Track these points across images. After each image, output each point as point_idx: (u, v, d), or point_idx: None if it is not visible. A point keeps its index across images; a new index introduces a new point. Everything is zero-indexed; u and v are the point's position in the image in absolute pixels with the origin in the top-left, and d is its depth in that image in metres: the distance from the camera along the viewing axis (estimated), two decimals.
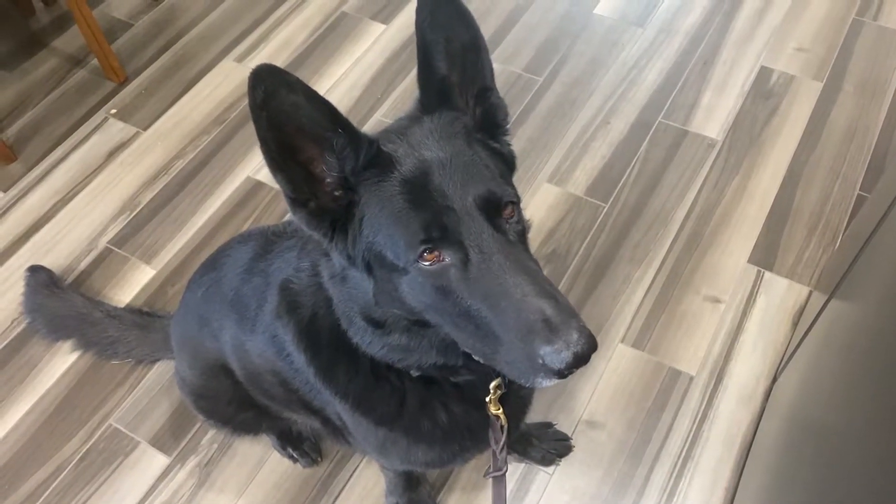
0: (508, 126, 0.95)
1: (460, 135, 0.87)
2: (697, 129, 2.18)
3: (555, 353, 0.74)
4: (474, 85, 0.90)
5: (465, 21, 0.86)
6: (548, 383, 0.78)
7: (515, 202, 0.85)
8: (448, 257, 0.80)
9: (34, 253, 1.97)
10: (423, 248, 0.80)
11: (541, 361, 0.75)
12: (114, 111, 2.28)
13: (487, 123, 0.91)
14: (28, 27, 2.52)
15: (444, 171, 0.82)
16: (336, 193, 0.84)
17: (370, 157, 0.82)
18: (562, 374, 0.76)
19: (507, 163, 0.92)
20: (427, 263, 0.80)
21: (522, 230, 0.86)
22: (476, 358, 0.88)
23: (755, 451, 1.58)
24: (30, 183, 2.12)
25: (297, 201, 0.83)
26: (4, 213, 2.06)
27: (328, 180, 0.83)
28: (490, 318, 0.79)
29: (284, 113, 0.75)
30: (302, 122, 0.77)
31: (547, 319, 0.75)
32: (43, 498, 1.59)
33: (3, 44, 2.47)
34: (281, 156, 0.78)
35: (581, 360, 0.74)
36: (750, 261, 1.89)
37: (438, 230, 0.79)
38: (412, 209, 0.80)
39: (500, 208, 0.83)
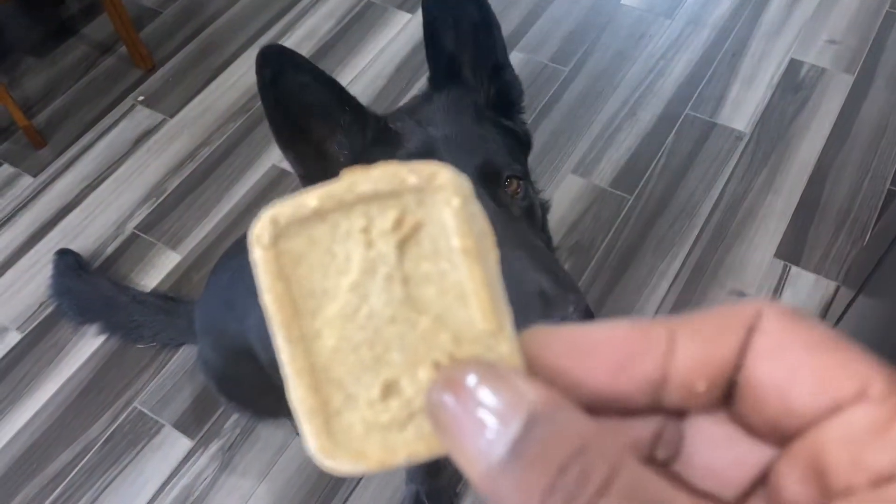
0: (523, 104, 0.94)
1: (469, 111, 0.86)
2: (725, 121, 2.15)
3: None
4: (487, 63, 0.89)
5: None
6: None
7: (520, 177, 0.84)
8: None
9: (63, 237, 2.00)
10: None
11: None
12: (141, 98, 2.30)
13: (502, 102, 0.91)
14: (58, 15, 2.55)
15: (449, 146, 0.82)
16: None
17: (377, 133, 0.82)
18: None
19: (521, 141, 0.91)
20: None
21: (530, 206, 0.85)
22: None
23: None
24: (59, 168, 2.15)
25: (307, 179, 0.84)
26: (34, 197, 2.09)
27: (340, 160, 0.83)
28: None
29: (292, 92, 0.76)
30: (310, 101, 0.78)
31: (543, 293, 0.75)
32: (69, 478, 1.62)
33: (34, 31, 2.50)
34: (290, 134, 0.79)
35: None
36: (776, 255, 1.87)
37: None
38: None
39: (499, 181, 0.82)
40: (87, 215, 2.04)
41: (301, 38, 2.44)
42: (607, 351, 0.25)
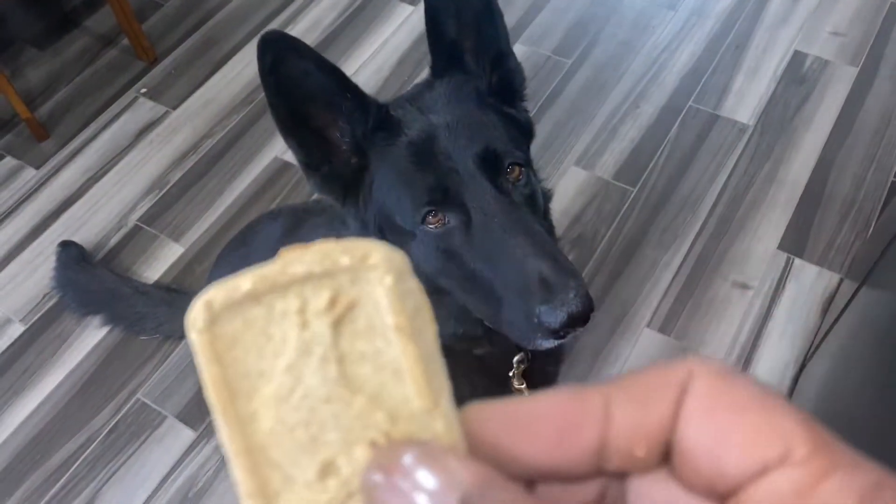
0: (526, 92, 0.94)
1: (471, 98, 0.86)
2: (728, 113, 2.15)
3: (550, 312, 0.74)
4: (490, 50, 0.89)
5: None
6: (547, 344, 0.79)
7: (522, 164, 0.84)
8: (452, 220, 0.80)
9: (65, 229, 2.00)
10: (426, 210, 0.80)
11: (537, 321, 0.75)
12: (144, 90, 2.30)
13: (504, 89, 0.91)
14: (60, 7, 2.54)
15: (450, 133, 0.82)
16: (352, 161, 0.84)
17: (379, 121, 0.82)
18: (558, 333, 0.76)
19: (523, 129, 0.91)
20: (432, 226, 0.81)
21: (531, 193, 0.85)
22: (487, 323, 0.88)
23: None
24: (61, 160, 2.15)
25: (309, 166, 0.84)
26: (37, 189, 2.09)
27: (343, 147, 0.83)
28: (492, 279, 0.79)
29: (293, 79, 0.76)
30: (311, 88, 0.78)
31: (544, 279, 0.75)
32: (73, 468, 1.62)
33: (37, 23, 2.50)
34: (292, 121, 0.79)
35: (576, 319, 0.74)
36: (780, 247, 1.87)
37: (441, 192, 0.79)
38: (417, 172, 0.81)
39: (501, 167, 0.82)
40: (89, 207, 2.04)
41: (303, 30, 2.43)
42: (545, 424, 0.26)
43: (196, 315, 0.26)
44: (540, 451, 0.25)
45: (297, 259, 0.26)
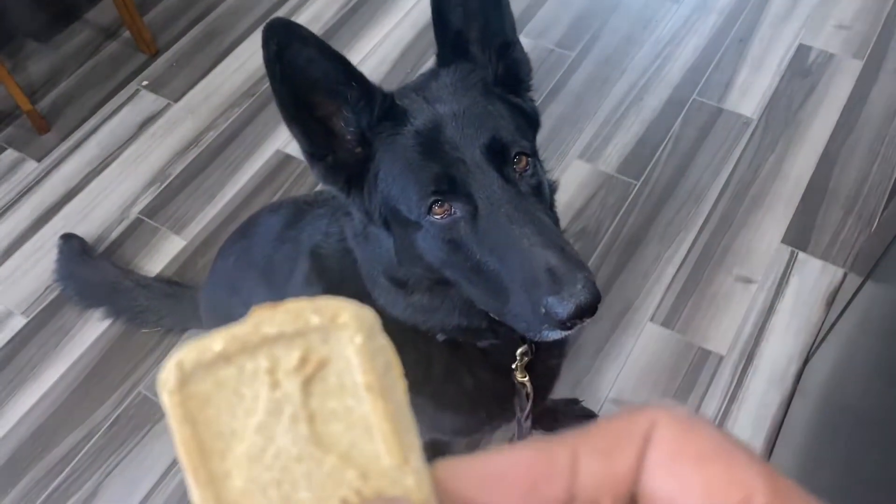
0: (532, 82, 0.93)
1: (477, 87, 0.86)
2: (732, 107, 2.14)
3: (558, 303, 0.74)
4: (496, 40, 0.89)
5: None
6: (553, 335, 0.78)
7: (528, 154, 0.83)
8: (458, 210, 0.80)
9: (67, 222, 1.99)
10: (432, 199, 0.79)
11: (544, 312, 0.75)
12: (145, 83, 2.29)
13: (510, 79, 0.90)
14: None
15: (457, 122, 0.81)
16: (356, 150, 0.84)
17: (384, 110, 0.82)
18: (565, 324, 0.75)
19: (529, 119, 0.91)
20: (438, 217, 0.80)
21: (538, 184, 0.85)
22: (492, 315, 0.88)
23: (785, 432, 1.56)
24: (63, 153, 2.14)
25: (314, 156, 0.84)
26: (38, 182, 2.08)
27: (348, 137, 0.83)
28: (498, 270, 0.79)
29: (298, 66, 0.75)
30: (316, 76, 0.77)
31: (551, 269, 0.75)
32: (75, 461, 1.62)
33: (38, 16, 2.49)
34: (296, 109, 0.79)
35: (584, 310, 0.74)
36: (784, 241, 1.86)
37: (447, 183, 0.79)
38: (423, 161, 0.80)
39: (508, 157, 0.81)
40: (91, 200, 2.04)
41: (305, 22, 2.39)
42: (514, 478, 0.26)
43: (167, 376, 0.26)
44: None
45: (268, 319, 0.26)
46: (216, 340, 0.26)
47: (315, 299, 0.27)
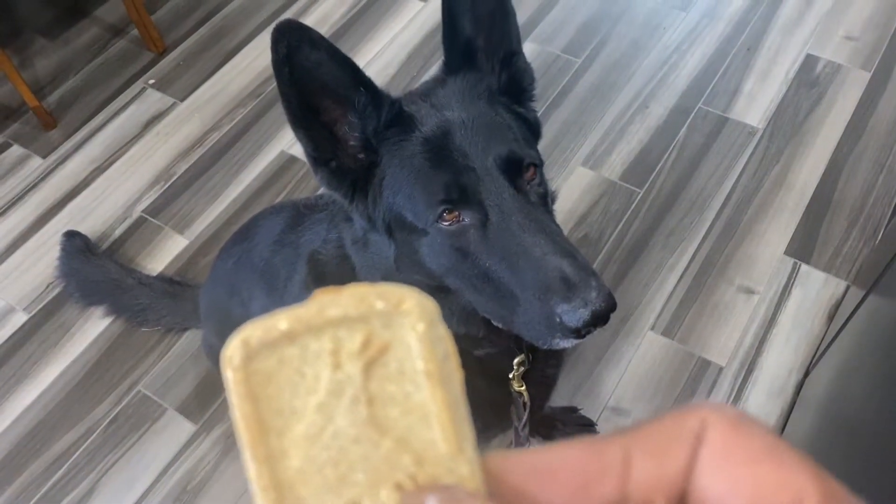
0: (535, 91, 0.93)
1: (484, 96, 0.86)
2: (738, 116, 2.13)
3: (572, 312, 0.73)
4: (500, 49, 0.89)
5: None
6: (565, 343, 0.78)
7: (537, 164, 0.84)
8: (467, 218, 0.80)
9: (71, 219, 2.00)
10: (442, 208, 0.79)
11: (558, 320, 0.74)
12: (152, 81, 2.30)
13: (513, 88, 0.90)
14: None
15: (466, 131, 0.81)
16: (360, 156, 0.83)
17: (392, 116, 0.81)
18: (579, 332, 0.75)
19: (532, 128, 0.91)
20: (446, 224, 0.80)
21: (545, 193, 0.85)
22: (495, 323, 0.87)
23: None
24: (68, 150, 2.15)
25: (318, 160, 0.83)
26: (43, 178, 2.09)
27: (352, 142, 0.82)
28: (508, 278, 0.78)
29: (307, 69, 0.75)
30: (324, 80, 0.77)
31: (565, 277, 0.74)
32: (73, 458, 1.62)
33: (46, 13, 2.50)
34: (302, 113, 0.78)
35: (599, 318, 0.73)
36: (787, 252, 1.85)
37: (458, 190, 0.79)
38: (432, 169, 0.80)
39: (521, 169, 0.82)
40: (95, 198, 2.04)
41: (313, 24, 2.40)
42: (566, 475, 0.26)
43: (233, 352, 0.26)
44: (561, 500, 0.26)
45: (333, 302, 0.27)
46: (281, 320, 0.26)
47: (378, 285, 0.27)
